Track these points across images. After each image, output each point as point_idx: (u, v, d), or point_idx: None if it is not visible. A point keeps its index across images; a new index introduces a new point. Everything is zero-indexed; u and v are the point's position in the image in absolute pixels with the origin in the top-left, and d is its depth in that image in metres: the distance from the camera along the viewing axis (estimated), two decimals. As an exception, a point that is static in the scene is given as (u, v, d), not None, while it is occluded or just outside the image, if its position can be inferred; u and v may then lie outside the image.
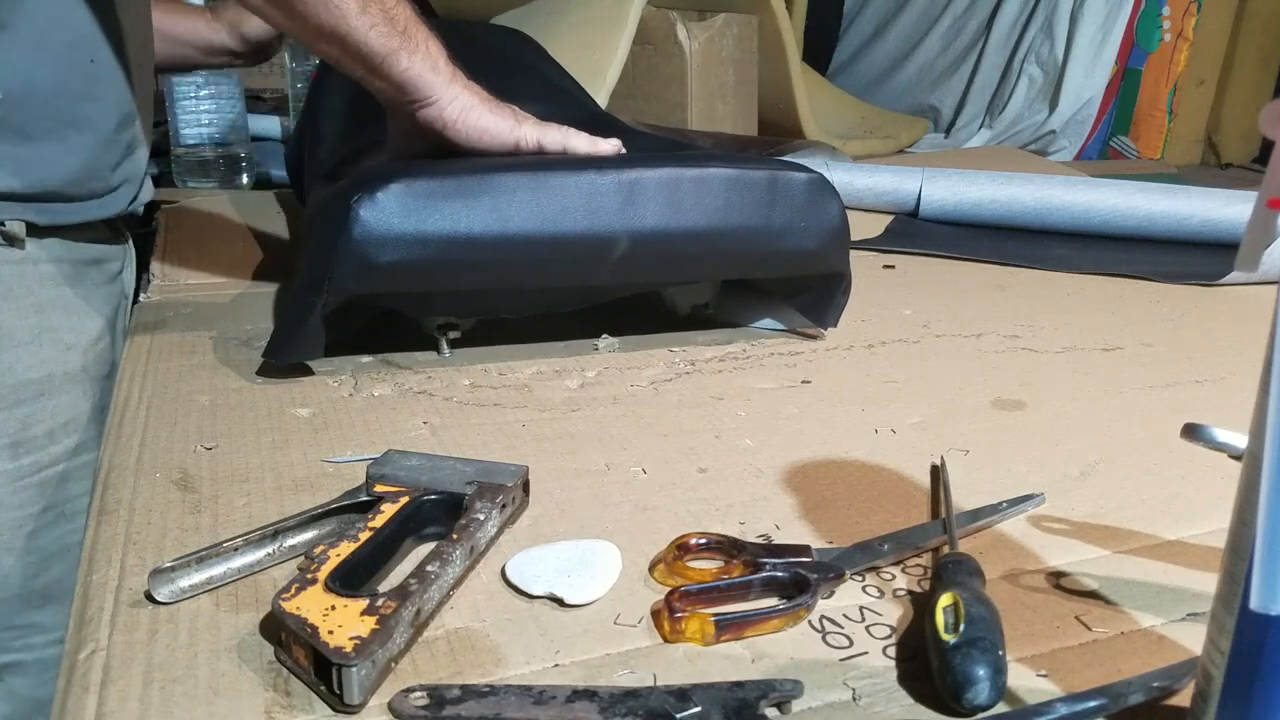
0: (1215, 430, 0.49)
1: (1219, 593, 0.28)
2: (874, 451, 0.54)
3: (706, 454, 0.53)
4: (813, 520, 0.46)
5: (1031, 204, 1.07)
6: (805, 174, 0.66)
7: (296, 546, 0.42)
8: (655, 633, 0.37)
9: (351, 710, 0.33)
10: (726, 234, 0.64)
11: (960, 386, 0.64)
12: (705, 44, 1.41)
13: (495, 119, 0.68)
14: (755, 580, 0.40)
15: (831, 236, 0.67)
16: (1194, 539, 0.45)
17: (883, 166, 1.22)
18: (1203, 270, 0.91)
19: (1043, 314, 0.80)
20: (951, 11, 2.18)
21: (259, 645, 0.36)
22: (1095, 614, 0.39)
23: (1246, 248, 0.27)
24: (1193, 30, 1.87)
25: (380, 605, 0.35)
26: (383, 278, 0.59)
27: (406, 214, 0.58)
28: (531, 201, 0.60)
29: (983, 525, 0.45)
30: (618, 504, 0.47)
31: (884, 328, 0.75)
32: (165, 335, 0.70)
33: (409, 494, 0.44)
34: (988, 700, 0.32)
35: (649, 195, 0.62)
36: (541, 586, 0.40)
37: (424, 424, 0.56)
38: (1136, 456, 0.53)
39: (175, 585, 0.39)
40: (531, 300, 0.68)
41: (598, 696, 0.33)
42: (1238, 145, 1.98)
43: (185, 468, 0.50)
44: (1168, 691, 0.34)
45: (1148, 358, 0.70)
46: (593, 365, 0.66)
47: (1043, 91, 1.96)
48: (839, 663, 0.36)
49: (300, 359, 0.62)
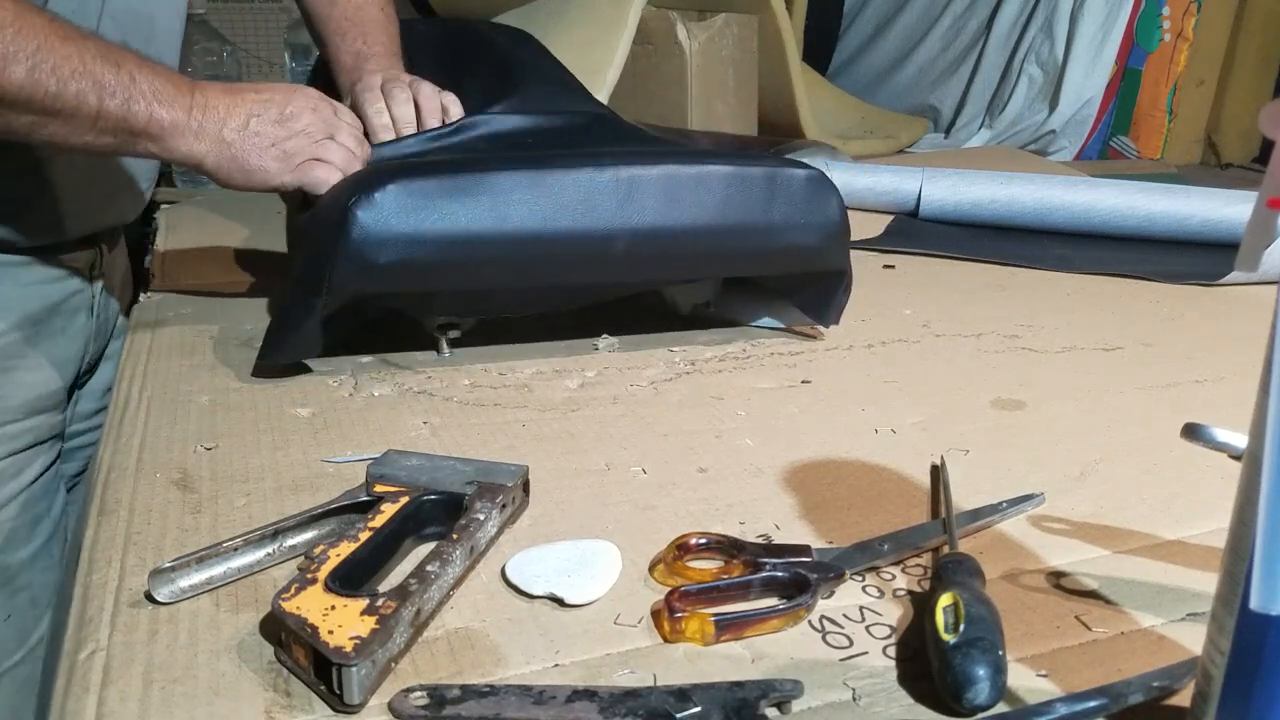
0: (1215, 430, 0.49)
1: (1219, 593, 0.28)
2: (874, 451, 0.54)
3: (706, 454, 0.53)
4: (813, 520, 0.46)
5: (1031, 204, 1.07)
6: (804, 170, 0.66)
7: (296, 546, 0.42)
8: (655, 633, 0.37)
9: (351, 710, 0.33)
10: (726, 231, 0.64)
11: (960, 386, 0.63)
12: (705, 44, 1.41)
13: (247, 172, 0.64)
14: (755, 580, 0.40)
15: (831, 233, 0.67)
16: (1194, 539, 0.45)
17: (883, 166, 1.22)
18: (1203, 270, 0.91)
19: (1043, 314, 0.80)
20: (951, 11, 2.18)
21: (259, 645, 0.36)
22: (1095, 614, 0.39)
23: (1246, 248, 0.27)
24: (1193, 30, 1.87)
25: (380, 605, 0.35)
26: (382, 278, 0.59)
27: (404, 214, 0.58)
28: (529, 200, 0.60)
29: (983, 525, 0.45)
30: (618, 504, 0.47)
31: (884, 328, 0.75)
32: (165, 335, 0.70)
33: (409, 494, 0.44)
34: (988, 700, 0.32)
35: (647, 193, 0.62)
36: (541, 586, 0.40)
37: (424, 424, 0.56)
38: (1136, 456, 0.53)
39: (175, 585, 0.39)
40: (531, 300, 0.68)
41: (598, 696, 0.33)
42: (1238, 145, 1.98)
43: (185, 468, 0.50)
44: (1168, 691, 0.34)
45: (1148, 358, 0.70)
46: (593, 365, 0.66)
47: (1043, 91, 1.95)
48: (839, 663, 0.36)
49: (296, 359, 0.62)
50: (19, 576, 0.73)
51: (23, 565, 0.73)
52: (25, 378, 0.72)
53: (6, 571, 0.72)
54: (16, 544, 0.73)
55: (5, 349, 0.71)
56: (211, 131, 0.62)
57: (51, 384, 0.74)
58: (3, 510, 0.72)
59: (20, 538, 0.74)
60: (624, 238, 0.62)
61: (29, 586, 0.73)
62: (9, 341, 0.71)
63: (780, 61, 1.52)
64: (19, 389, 0.72)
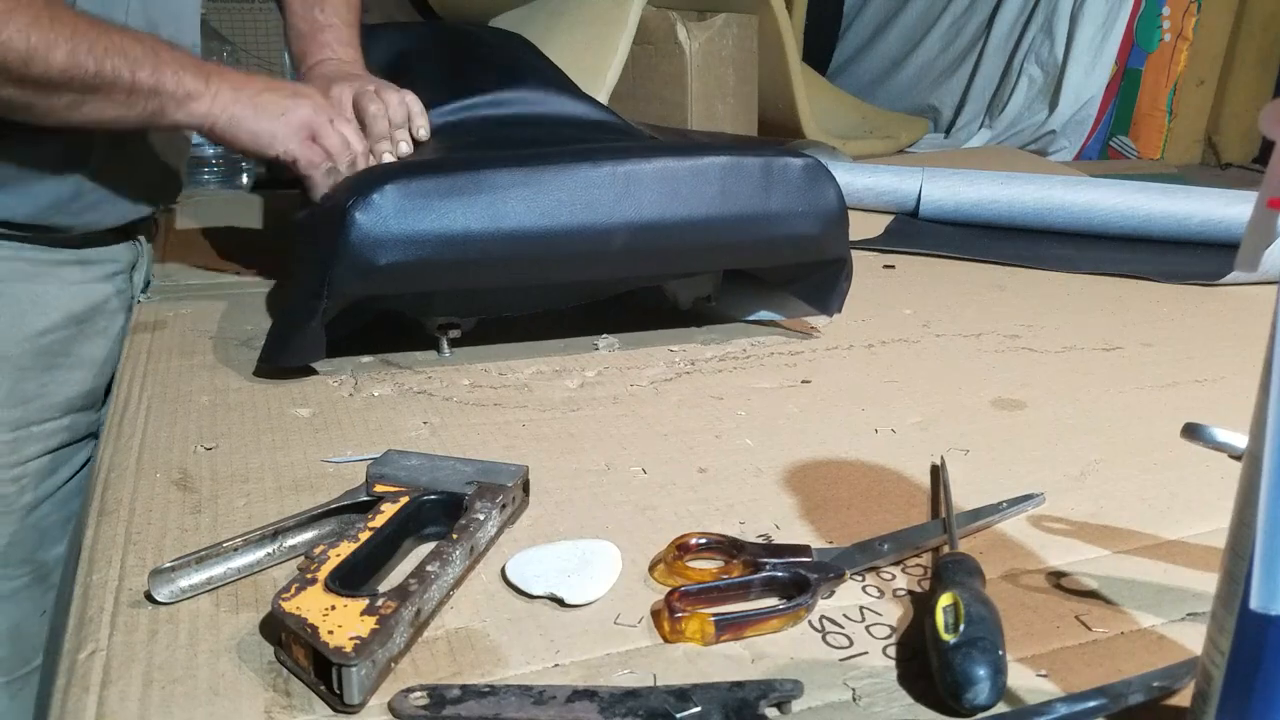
0: (1215, 430, 0.49)
1: (1219, 593, 0.28)
2: (874, 451, 0.54)
3: (706, 454, 0.53)
4: (813, 520, 0.46)
5: (1031, 204, 1.07)
6: (801, 158, 0.66)
7: (296, 546, 0.42)
8: (655, 633, 0.37)
9: (351, 710, 0.33)
10: (724, 222, 0.64)
11: (960, 386, 0.63)
12: (705, 44, 1.41)
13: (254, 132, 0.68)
14: (755, 580, 0.40)
15: (830, 221, 0.67)
16: (1194, 539, 0.45)
17: (883, 166, 1.22)
18: (1203, 270, 0.91)
19: (1043, 314, 0.80)
20: (951, 11, 2.18)
21: (259, 645, 0.36)
22: (1095, 614, 0.39)
23: (1246, 248, 0.27)
24: (1193, 30, 1.87)
25: (380, 605, 0.35)
26: (382, 280, 0.59)
27: (402, 215, 0.58)
28: (527, 197, 0.60)
29: (983, 525, 0.45)
30: (618, 504, 0.47)
31: (884, 328, 0.75)
32: (165, 335, 0.70)
33: (409, 494, 0.44)
34: (988, 700, 0.32)
35: (645, 186, 0.62)
36: (541, 586, 0.40)
37: (424, 424, 0.56)
38: (1136, 456, 0.53)
39: (175, 585, 0.39)
40: (532, 298, 0.68)
41: (598, 696, 0.33)
42: (1238, 145, 1.98)
43: (185, 468, 0.50)
44: (1168, 691, 0.34)
45: (1148, 358, 0.70)
46: (593, 365, 0.66)
47: (1043, 91, 1.95)
48: (839, 663, 0.36)
49: (301, 362, 0.62)
50: (54, 573, 0.74)
51: (58, 562, 0.74)
52: (66, 376, 0.73)
53: (42, 568, 0.73)
54: (52, 541, 0.74)
55: (49, 348, 0.72)
56: (226, 97, 0.67)
57: (89, 383, 0.75)
58: (39, 508, 0.72)
59: (55, 535, 0.74)
60: (622, 232, 0.62)
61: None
62: (52, 340, 0.72)
63: (780, 61, 1.52)
64: (60, 388, 0.73)
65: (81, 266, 0.75)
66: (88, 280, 0.75)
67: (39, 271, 0.72)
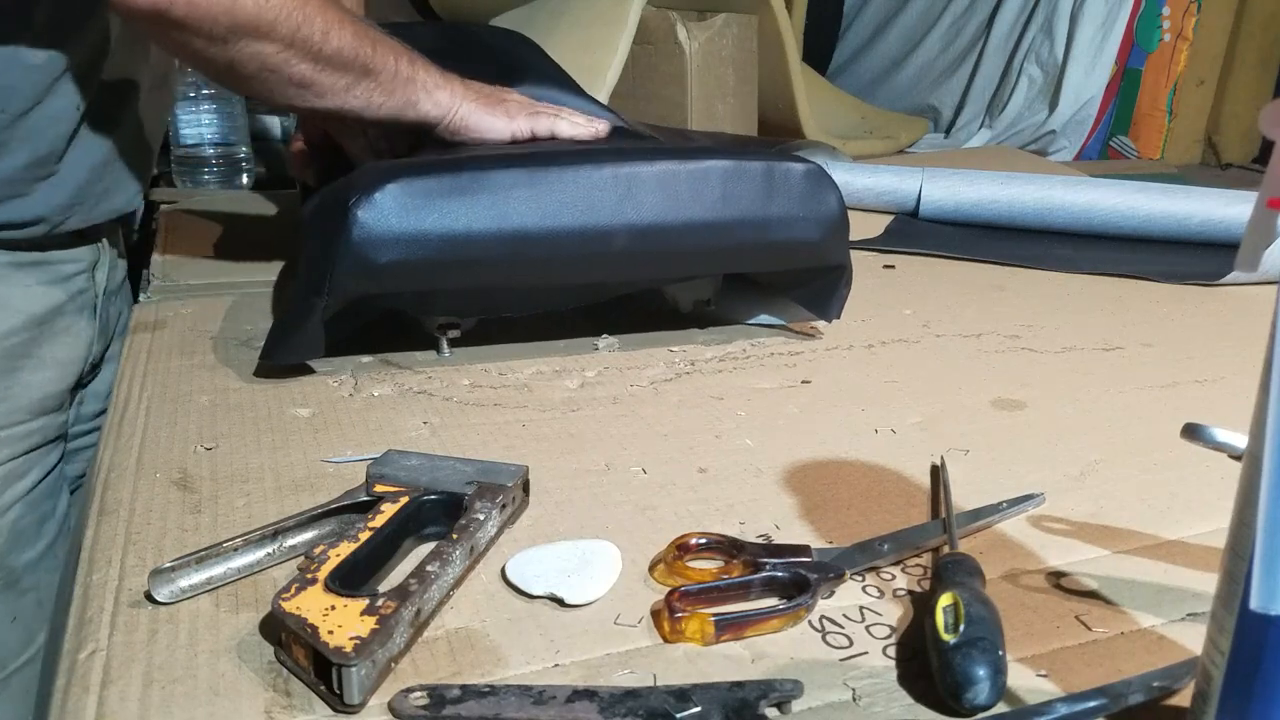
0: (1215, 430, 0.49)
1: (1219, 593, 0.28)
2: (874, 451, 0.54)
3: (706, 454, 0.53)
4: (813, 520, 0.46)
5: (1031, 204, 1.07)
6: (802, 164, 0.66)
7: (296, 546, 0.42)
8: (655, 633, 0.37)
9: (351, 710, 0.33)
10: (725, 226, 0.64)
11: (960, 386, 0.63)
12: (705, 44, 1.41)
13: (491, 119, 0.71)
14: (755, 580, 0.40)
15: (831, 227, 0.67)
16: (1194, 539, 0.45)
17: (883, 166, 1.22)
18: (1203, 270, 0.91)
19: (1043, 314, 0.80)
20: (951, 11, 2.18)
21: (259, 645, 0.36)
22: (1095, 614, 0.39)
23: (1246, 248, 0.27)
24: (1193, 30, 1.87)
25: (380, 605, 0.35)
26: (383, 278, 0.59)
27: (404, 214, 0.58)
28: (529, 197, 0.60)
29: (983, 525, 0.45)
30: (618, 504, 0.47)
31: (884, 328, 0.75)
32: (165, 335, 0.70)
33: (409, 494, 0.44)
34: (988, 700, 0.32)
35: (646, 189, 0.62)
36: (541, 586, 0.40)
37: (424, 424, 0.56)
38: (1136, 456, 0.53)
39: (175, 585, 0.39)
40: (532, 298, 0.68)
41: (598, 696, 0.33)
42: (1238, 145, 1.98)
43: (185, 468, 0.50)
44: (1168, 691, 0.34)
45: (1148, 358, 0.70)
46: (593, 365, 0.66)
47: (1043, 91, 1.95)
48: (839, 663, 0.36)
49: (300, 360, 0.62)
50: (25, 578, 0.73)
51: (28, 567, 0.73)
52: (30, 379, 0.72)
53: (12, 574, 0.72)
54: (22, 546, 0.73)
55: (10, 350, 0.71)
56: (455, 91, 0.71)
57: (56, 385, 0.74)
58: (8, 512, 0.72)
59: (26, 540, 0.74)
60: (623, 234, 0.62)
61: (35, 588, 0.73)
62: (14, 343, 0.71)
63: (780, 61, 1.52)
64: (25, 390, 0.72)
65: (40, 268, 0.73)
66: (47, 282, 0.74)
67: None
